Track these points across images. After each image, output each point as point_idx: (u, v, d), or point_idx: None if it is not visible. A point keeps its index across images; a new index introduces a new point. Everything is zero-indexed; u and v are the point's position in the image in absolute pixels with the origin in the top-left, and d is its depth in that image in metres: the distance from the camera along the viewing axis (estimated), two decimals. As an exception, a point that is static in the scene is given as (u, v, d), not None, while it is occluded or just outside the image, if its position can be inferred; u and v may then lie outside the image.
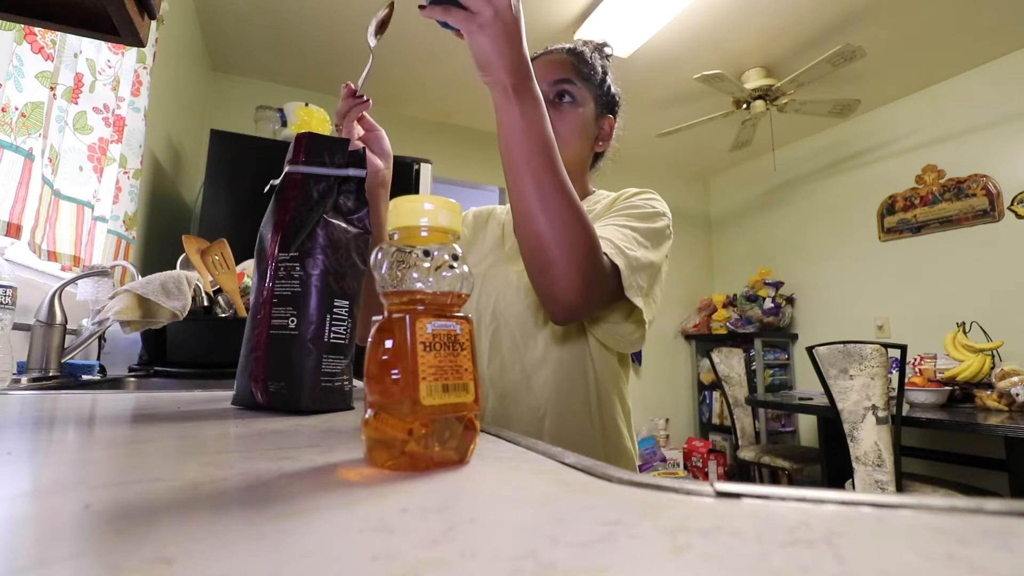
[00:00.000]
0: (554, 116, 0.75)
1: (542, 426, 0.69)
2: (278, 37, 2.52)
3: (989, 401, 1.95)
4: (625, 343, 0.69)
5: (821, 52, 2.42)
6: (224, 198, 1.85)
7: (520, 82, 0.51)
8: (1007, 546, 0.15)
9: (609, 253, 0.59)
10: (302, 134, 0.51)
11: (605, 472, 0.24)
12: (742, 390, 2.81)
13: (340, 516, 0.18)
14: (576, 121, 0.76)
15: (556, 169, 0.53)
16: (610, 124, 0.81)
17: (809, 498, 0.20)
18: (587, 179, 0.83)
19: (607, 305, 0.63)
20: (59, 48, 0.98)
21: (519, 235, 0.57)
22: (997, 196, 2.62)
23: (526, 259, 0.57)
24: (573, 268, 0.54)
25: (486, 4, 0.48)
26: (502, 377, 0.71)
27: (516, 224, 0.56)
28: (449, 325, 0.27)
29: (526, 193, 0.53)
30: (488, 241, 0.83)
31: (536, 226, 0.53)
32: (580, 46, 0.80)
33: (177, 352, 1.06)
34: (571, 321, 0.64)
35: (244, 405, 0.48)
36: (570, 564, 0.14)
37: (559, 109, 0.76)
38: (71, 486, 0.21)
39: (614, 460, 0.70)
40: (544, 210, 0.53)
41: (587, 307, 0.59)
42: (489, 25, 0.48)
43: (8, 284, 0.69)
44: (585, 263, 0.55)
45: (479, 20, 0.48)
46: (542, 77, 0.76)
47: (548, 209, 0.53)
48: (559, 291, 0.55)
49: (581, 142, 0.78)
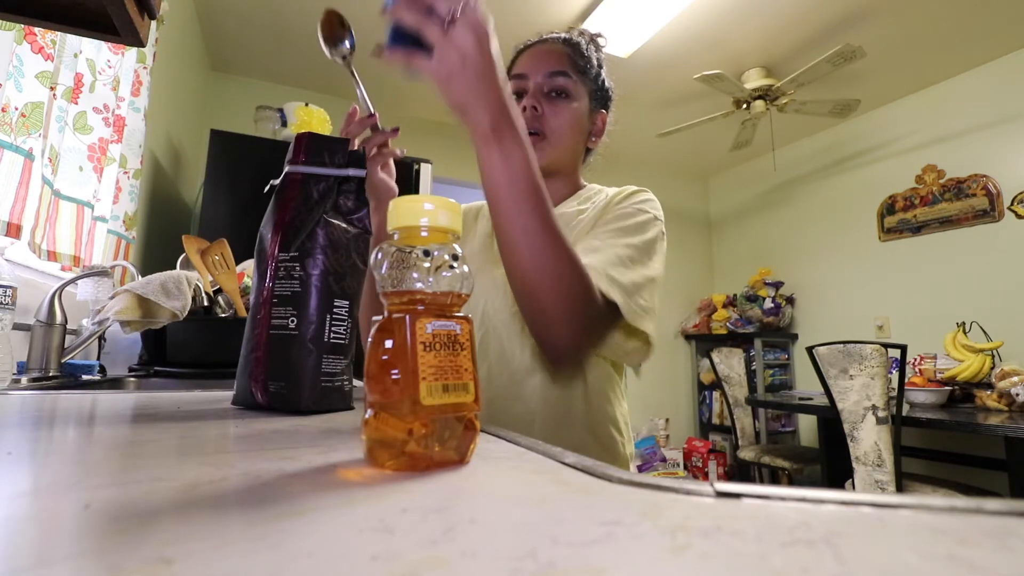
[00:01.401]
0: (548, 110, 0.74)
1: (531, 434, 0.67)
2: (278, 37, 2.52)
3: (989, 401, 1.95)
4: (635, 358, 0.67)
5: (821, 52, 2.42)
6: (224, 198, 1.85)
7: (499, 122, 0.47)
8: (1007, 546, 0.15)
9: (604, 289, 0.56)
10: (302, 134, 0.51)
11: (605, 472, 0.24)
12: (742, 390, 2.80)
13: (340, 516, 0.18)
14: (570, 116, 0.74)
15: (544, 214, 0.50)
16: (603, 119, 0.80)
17: (809, 498, 0.20)
18: (579, 174, 0.82)
19: (605, 339, 0.61)
20: (59, 48, 0.98)
21: (508, 276, 0.54)
22: (997, 196, 2.62)
23: (517, 300, 0.55)
24: (566, 314, 0.52)
25: (452, 49, 0.43)
26: (489, 384, 0.69)
27: (505, 266, 0.53)
28: (449, 325, 0.27)
29: (513, 240, 0.50)
30: (476, 241, 0.81)
31: (525, 272, 0.51)
32: (576, 36, 0.78)
33: (177, 352, 1.06)
34: (570, 365, 0.63)
35: (244, 405, 0.48)
36: (570, 564, 0.14)
37: (553, 103, 0.74)
38: (71, 486, 0.20)
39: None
40: (532, 257, 0.50)
41: (585, 350, 0.58)
42: (459, 72, 0.44)
43: (8, 284, 0.69)
44: (579, 309, 0.53)
45: (447, 68, 0.44)
46: (537, 67, 0.75)
47: (536, 256, 0.50)
48: (554, 337, 0.54)
49: (574, 137, 0.76)
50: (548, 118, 0.74)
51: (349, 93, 2.95)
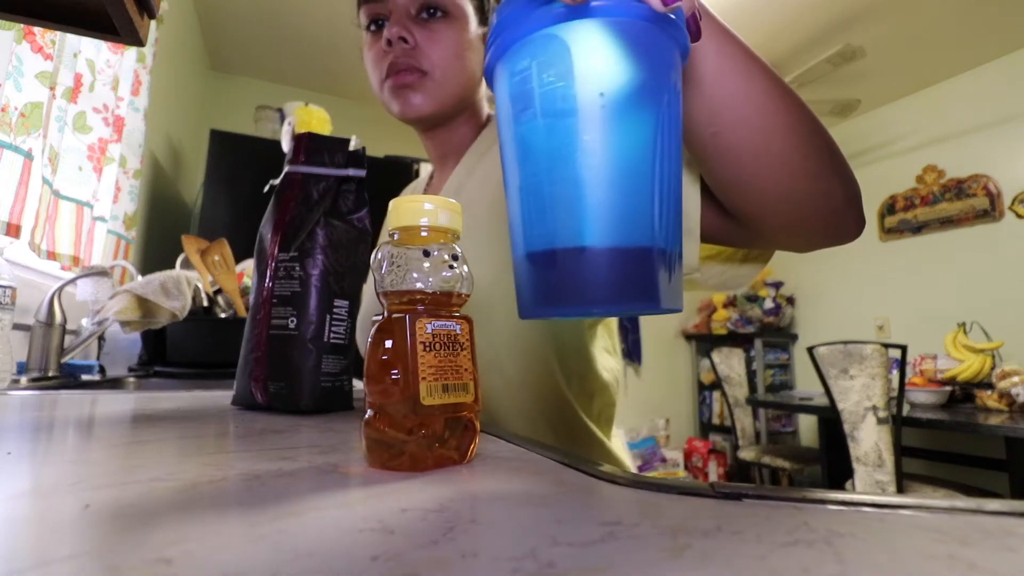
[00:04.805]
0: (423, 37, 0.59)
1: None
2: (278, 37, 2.52)
3: (989, 401, 1.95)
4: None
5: (821, 52, 2.42)
6: (224, 198, 1.85)
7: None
8: (1007, 546, 0.15)
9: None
10: (302, 134, 0.51)
11: (605, 472, 0.24)
12: (742, 390, 2.80)
13: (340, 516, 0.18)
14: (455, 42, 0.60)
15: (775, 79, 0.35)
16: None
17: (809, 498, 0.20)
18: (481, 105, 0.68)
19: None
20: (59, 48, 0.98)
21: (776, 193, 0.36)
22: (997, 196, 2.62)
23: (790, 207, 0.37)
24: (845, 175, 0.38)
25: None
26: None
27: (766, 188, 0.36)
28: (449, 325, 0.27)
29: (783, 143, 0.34)
30: None
31: (806, 166, 0.35)
32: None
33: (177, 352, 1.06)
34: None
35: (244, 405, 0.48)
36: (570, 564, 0.14)
37: (428, 28, 0.59)
38: (71, 486, 0.20)
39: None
40: (811, 141, 0.35)
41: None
42: None
43: (8, 284, 0.69)
44: (840, 161, 0.37)
45: None
46: None
47: (813, 138, 0.35)
48: (845, 207, 0.38)
49: (465, 68, 0.61)
50: (425, 49, 0.59)
51: (349, 93, 2.96)
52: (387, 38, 0.58)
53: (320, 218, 0.48)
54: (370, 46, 0.63)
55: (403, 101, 0.61)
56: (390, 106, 0.62)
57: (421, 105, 0.61)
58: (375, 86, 0.63)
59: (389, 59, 0.60)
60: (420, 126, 0.66)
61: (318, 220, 0.48)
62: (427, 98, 0.60)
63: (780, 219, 0.38)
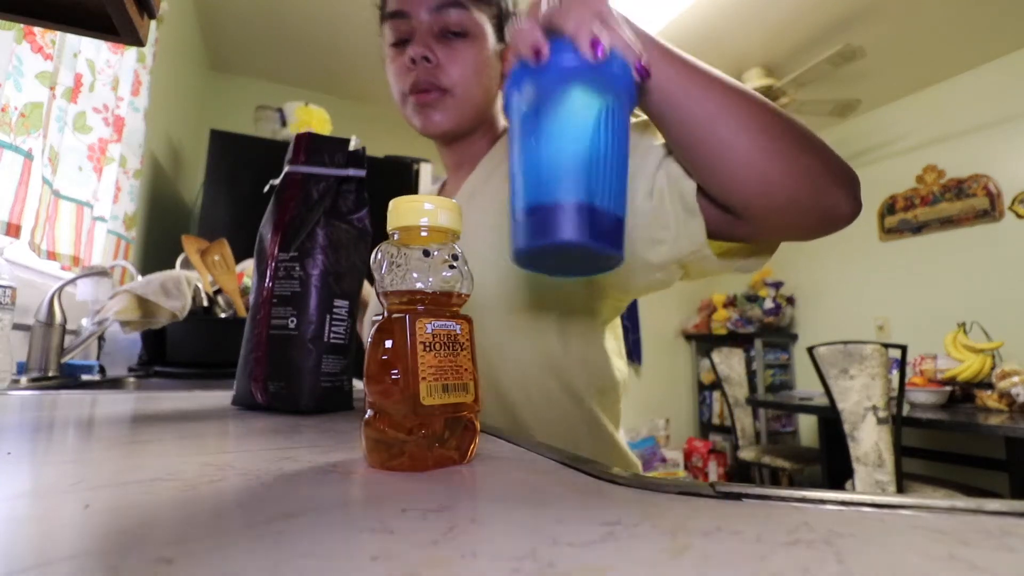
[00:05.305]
0: (444, 56, 0.60)
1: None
2: (278, 37, 2.52)
3: (989, 401, 1.95)
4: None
5: (821, 52, 2.42)
6: (224, 198, 1.85)
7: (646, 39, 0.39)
8: (1007, 546, 0.15)
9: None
10: (302, 134, 0.51)
11: (605, 472, 0.24)
12: (742, 390, 2.80)
13: (340, 516, 0.18)
14: (474, 61, 0.61)
15: (759, 104, 0.40)
16: None
17: (809, 498, 0.20)
18: (496, 119, 0.70)
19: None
20: (59, 48, 0.98)
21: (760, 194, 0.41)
22: (997, 196, 2.62)
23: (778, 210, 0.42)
24: (838, 178, 0.42)
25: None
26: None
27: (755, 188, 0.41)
28: (449, 325, 0.27)
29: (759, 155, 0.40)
30: None
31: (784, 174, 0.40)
32: None
33: (177, 352, 1.06)
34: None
35: (244, 405, 0.48)
36: (570, 564, 0.14)
37: (449, 46, 0.61)
38: (71, 486, 0.20)
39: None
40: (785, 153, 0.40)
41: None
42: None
43: (8, 284, 0.69)
44: (834, 162, 0.42)
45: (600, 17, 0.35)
46: (419, 1, 0.61)
47: (785, 152, 0.40)
48: (843, 199, 0.43)
49: (484, 87, 0.63)
50: (447, 68, 0.61)
51: (349, 93, 2.96)
52: (411, 56, 0.60)
53: (320, 218, 0.48)
54: (392, 59, 0.66)
55: (425, 118, 0.64)
56: (412, 120, 0.65)
57: (442, 122, 0.64)
58: (397, 97, 0.66)
59: (412, 77, 0.62)
60: (440, 140, 0.69)
61: (318, 220, 0.48)
62: (448, 115, 0.63)
63: (768, 201, 0.42)
